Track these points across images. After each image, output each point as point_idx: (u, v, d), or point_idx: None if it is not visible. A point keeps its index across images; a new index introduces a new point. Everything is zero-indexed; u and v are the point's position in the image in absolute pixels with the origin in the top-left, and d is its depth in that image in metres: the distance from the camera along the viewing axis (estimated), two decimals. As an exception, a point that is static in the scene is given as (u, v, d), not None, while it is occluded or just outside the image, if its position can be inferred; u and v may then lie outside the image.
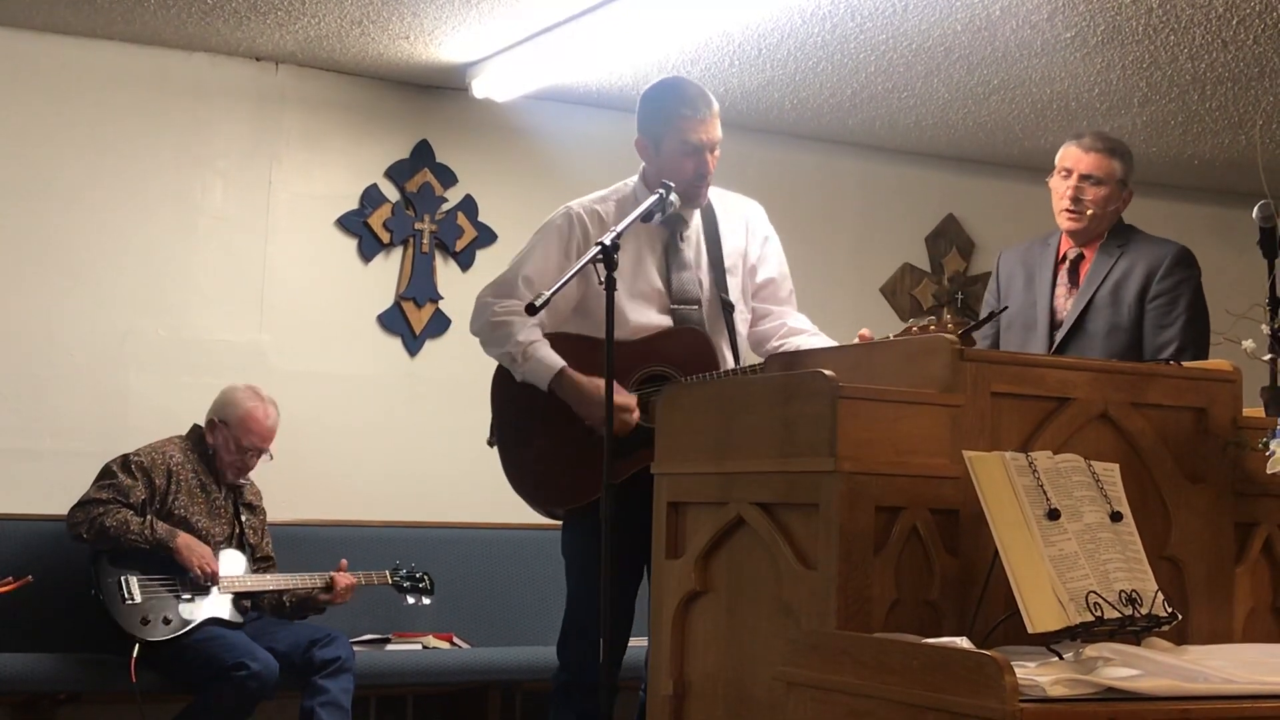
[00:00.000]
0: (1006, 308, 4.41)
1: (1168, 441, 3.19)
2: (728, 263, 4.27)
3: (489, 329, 4.15)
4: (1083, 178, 4.43)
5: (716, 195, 4.32)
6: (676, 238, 4.23)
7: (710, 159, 4.19)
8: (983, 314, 4.76)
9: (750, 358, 4.33)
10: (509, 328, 4.09)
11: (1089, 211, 4.44)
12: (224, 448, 5.59)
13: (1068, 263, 4.54)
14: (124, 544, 5.32)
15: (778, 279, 4.39)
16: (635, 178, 4.31)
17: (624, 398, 4.00)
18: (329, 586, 5.62)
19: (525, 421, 4.16)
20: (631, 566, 3.92)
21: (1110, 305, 4.42)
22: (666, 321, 4.18)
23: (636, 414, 3.99)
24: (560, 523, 4.28)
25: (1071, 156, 4.47)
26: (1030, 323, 4.51)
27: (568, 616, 4.21)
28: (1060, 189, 4.47)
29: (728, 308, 4.25)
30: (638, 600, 4.06)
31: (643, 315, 4.15)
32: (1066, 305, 4.49)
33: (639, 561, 3.85)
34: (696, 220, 4.27)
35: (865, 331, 3.97)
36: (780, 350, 4.28)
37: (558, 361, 4.06)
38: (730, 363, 4.19)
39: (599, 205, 4.24)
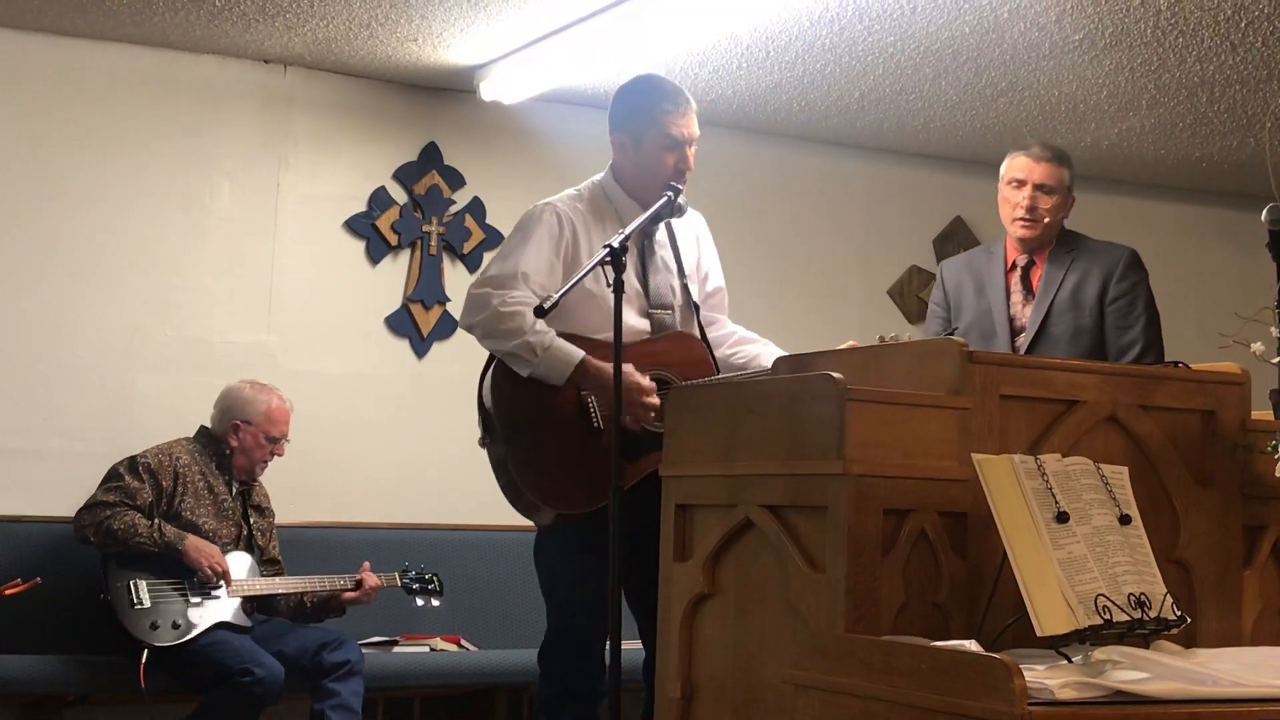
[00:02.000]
0: (956, 327, 4.53)
1: (1176, 444, 3.19)
2: (687, 269, 4.25)
3: (495, 320, 3.97)
4: (1036, 187, 4.56)
5: None
6: (650, 241, 4.18)
7: (689, 154, 4.15)
8: (930, 323, 4.83)
9: None
10: (521, 320, 3.93)
11: (1045, 220, 4.55)
12: (253, 446, 5.59)
13: (1019, 270, 4.64)
14: (132, 547, 5.31)
15: (723, 288, 4.40)
16: (602, 175, 4.24)
17: (647, 381, 3.97)
18: (359, 585, 5.62)
19: (526, 422, 4.03)
20: (622, 569, 3.86)
21: (1071, 309, 4.51)
22: (644, 325, 4.13)
23: (655, 399, 3.95)
24: (535, 529, 4.17)
25: (1023, 167, 4.58)
26: (988, 331, 4.58)
27: (553, 625, 4.12)
28: (1013, 199, 4.58)
29: (696, 311, 4.22)
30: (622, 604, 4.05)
31: (625, 318, 4.00)
32: (1024, 312, 4.58)
33: (627, 564, 3.84)
34: (662, 225, 4.21)
35: (853, 343, 3.96)
36: (734, 358, 4.28)
37: (578, 352, 3.95)
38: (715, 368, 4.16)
39: (577, 203, 4.17)
